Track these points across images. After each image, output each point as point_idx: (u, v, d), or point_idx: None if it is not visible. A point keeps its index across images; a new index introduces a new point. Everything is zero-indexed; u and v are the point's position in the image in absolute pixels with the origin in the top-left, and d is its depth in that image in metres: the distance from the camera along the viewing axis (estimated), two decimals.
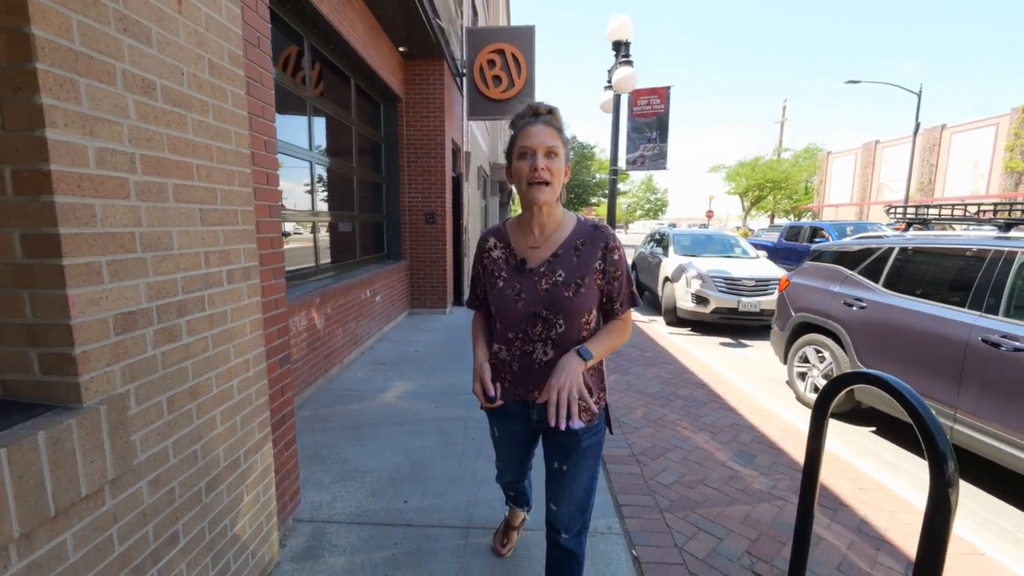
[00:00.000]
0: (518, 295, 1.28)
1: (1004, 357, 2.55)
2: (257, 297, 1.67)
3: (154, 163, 1.19)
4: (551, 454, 1.39)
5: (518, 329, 1.30)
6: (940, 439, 1.20)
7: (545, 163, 1.21)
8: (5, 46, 0.90)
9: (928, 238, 3.40)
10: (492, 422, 1.51)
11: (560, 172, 1.24)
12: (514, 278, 1.30)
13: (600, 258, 1.27)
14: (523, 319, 1.28)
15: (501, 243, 1.36)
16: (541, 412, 1.36)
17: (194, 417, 1.35)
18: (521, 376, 1.33)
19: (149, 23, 1.18)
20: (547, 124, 1.23)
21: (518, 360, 1.33)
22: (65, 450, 0.95)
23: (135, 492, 1.15)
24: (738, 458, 2.82)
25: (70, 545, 0.98)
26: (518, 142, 1.24)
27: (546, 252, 1.30)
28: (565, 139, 1.26)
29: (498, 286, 1.32)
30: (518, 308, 1.28)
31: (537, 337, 1.29)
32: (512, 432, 1.47)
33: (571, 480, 1.36)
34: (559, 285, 1.26)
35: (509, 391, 1.36)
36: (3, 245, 0.96)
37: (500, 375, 1.36)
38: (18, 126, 0.92)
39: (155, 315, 1.20)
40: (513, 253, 1.33)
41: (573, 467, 1.35)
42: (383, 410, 3.37)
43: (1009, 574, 1.92)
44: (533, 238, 1.31)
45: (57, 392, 1.01)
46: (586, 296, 1.26)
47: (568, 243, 1.29)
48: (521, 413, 1.39)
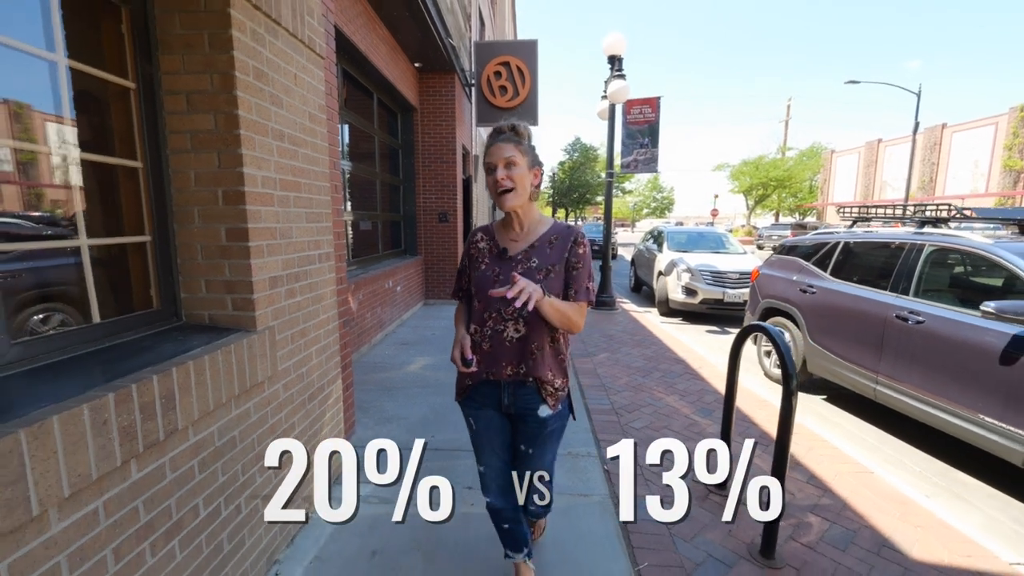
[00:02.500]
0: (496, 276, 1.44)
1: (910, 329, 3.18)
2: (333, 274, 2.36)
3: (284, 183, 1.88)
4: (519, 439, 1.55)
5: (493, 308, 1.43)
6: (790, 365, 1.86)
7: (505, 173, 1.37)
8: (224, 122, 1.58)
9: (865, 233, 4.02)
10: (468, 412, 1.59)
11: (523, 177, 1.39)
12: (495, 263, 1.47)
13: (568, 250, 1.44)
14: (498, 299, 1.35)
15: (487, 237, 1.53)
16: (511, 396, 1.48)
17: (302, 349, 2.03)
18: (492, 354, 1.45)
19: (282, 95, 1.86)
20: (506, 140, 1.38)
21: (489, 340, 1.45)
22: (246, 354, 1.63)
23: (278, 389, 1.84)
24: (699, 412, 3.47)
25: (254, 404, 1.67)
26: (485, 160, 1.42)
27: (524, 244, 1.47)
28: (526, 148, 1.41)
29: (480, 269, 1.48)
30: (495, 287, 1.37)
31: (509, 316, 1.42)
32: (488, 418, 1.55)
33: (536, 460, 1.54)
34: (532, 269, 1.42)
35: (480, 371, 1.47)
36: (215, 234, 1.64)
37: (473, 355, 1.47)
38: (228, 165, 1.61)
39: (285, 279, 1.89)
40: (496, 244, 1.50)
41: (539, 449, 1.53)
42: (409, 377, 4.06)
43: (887, 484, 2.55)
44: (514, 233, 1.49)
45: (241, 322, 1.69)
46: (555, 281, 1.41)
47: (544, 237, 1.47)
48: (492, 396, 1.50)
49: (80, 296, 1.40)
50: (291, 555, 1.92)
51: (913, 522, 2.22)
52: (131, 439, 1.14)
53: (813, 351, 4.06)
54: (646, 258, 9.34)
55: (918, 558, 1.98)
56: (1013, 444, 2.54)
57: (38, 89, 1.29)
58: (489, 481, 1.60)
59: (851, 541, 2.08)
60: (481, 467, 1.61)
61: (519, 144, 1.39)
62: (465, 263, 1.57)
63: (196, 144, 1.61)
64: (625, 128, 7.96)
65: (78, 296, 1.40)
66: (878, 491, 2.48)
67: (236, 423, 1.60)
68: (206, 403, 1.40)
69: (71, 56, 1.33)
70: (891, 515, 2.27)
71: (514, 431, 1.56)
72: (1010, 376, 2.58)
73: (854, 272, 3.90)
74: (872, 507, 2.33)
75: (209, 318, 1.70)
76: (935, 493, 2.62)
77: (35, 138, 1.35)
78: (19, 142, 1.30)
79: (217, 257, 1.66)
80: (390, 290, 5.88)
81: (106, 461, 1.07)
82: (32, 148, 1.35)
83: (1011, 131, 20.34)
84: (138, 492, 1.20)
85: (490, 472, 1.59)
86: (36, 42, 1.26)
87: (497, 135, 1.42)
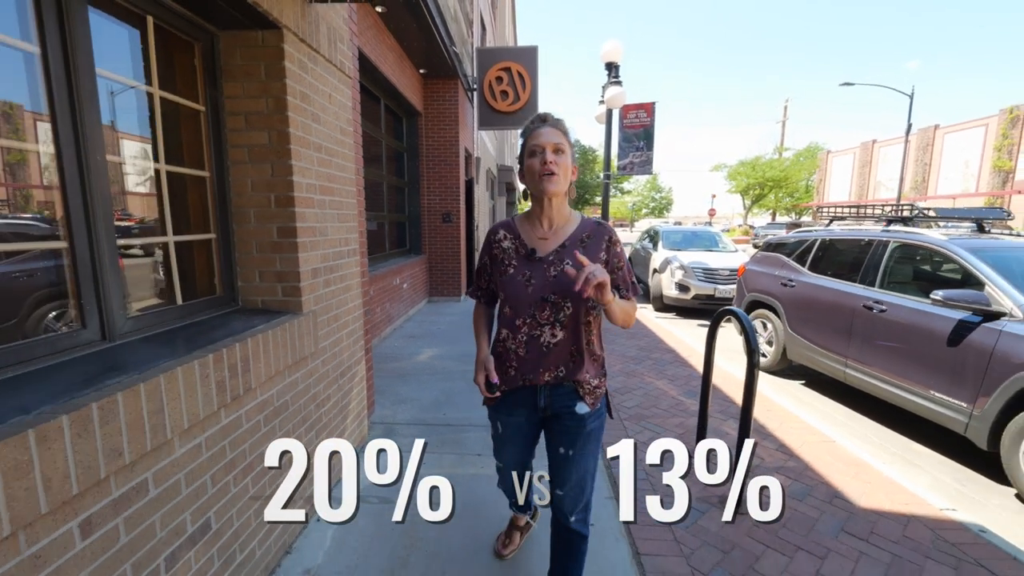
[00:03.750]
0: (528, 281, 1.35)
1: (875, 317, 3.51)
2: (358, 268, 2.68)
3: (322, 188, 2.20)
4: (557, 440, 1.44)
5: (526, 314, 1.36)
6: (753, 341, 2.18)
7: (553, 157, 1.31)
8: (277, 138, 1.90)
9: (840, 231, 4.35)
10: (495, 417, 1.52)
11: (567, 168, 1.35)
12: (524, 266, 1.37)
13: (604, 250, 1.37)
14: (532, 303, 1.34)
15: (511, 235, 1.43)
16: (548, 397, 1.41)
17: (335, 332, 2.36)
18: (528, 360, 1.38)
19: (320, 112, 2.18)
20: (554, 127, 1.35)
21: (525, 346, 1.38)
22: (296, 332, 1.95)
23: (318, 364, 2.16)
24: (685, 394, 3.80)
25: (300, 375, 2.00)
26: (529, 142, 1.35)
27: (554, 243, 1.38)
28: (571, 141, 1.38)
29: (508, 273, 1.39)
30: (528, 293, 1.35)
31: (545, 321, 1.35)
32: (516, 424, 1.48)
33: (576, 464, 1.42)
34: (567, 272, 1.29)
35: (516, 378, 1.41)
36: (268, 232, 1.96)
37: (506, 363, 1.42)
38: (280, 174, 1.93)
39: (323, 271, 2.21)
40: (523, 243, 1.40)
41: (579, 452, 1.41)
42: (419, 365, 4.38)
43: (847, 452, 2.88)
44: (542, 231, 1.40)
45: (290, 306, 2.01)
46: None
47: (575, 236, 1.38)
48: (527, 401, 1.43)
49: (168, 282, 1.72)
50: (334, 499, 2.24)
51: (864, 480, 2.55)
52: (222, 391, 1.46)
53: (792, 340, 4.39)
54: (642, 256, 9.66)
55: (863, 506, 2.31)
56: (956, 415, 2.88)
57: (141, 115, 1.62)
58: (507, 476, 1.59)
59: (808, 494, 2.41)
60: (500, 463, 1.61)
61: (566, 134, 1.37)
62: (485, 261, 1.50)
63: (253, 156, 1.93)
64: (622, 132, 8.29)
65: (166, 282, 1.72)
66: (838, 457, 2.81)
67: (288, 389, 1.92)
68: (269, 369, 1.72)
69: (161, 87, 1.65)
70: (846, 475, 2.60)
71: (551, 435, 1.47)
72: (955, 356, 2.91)
73: (829, 267, 4.24)
74: (831, 469, 2.66)
75: (262, 303, 2.02)
76: (890, 460, 2.95)
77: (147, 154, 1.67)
78: (130, 159, 1.62)
79: (269, 251, 1.98)
80: (397, 287, 6.19)
81: (207, 405, 1.39)
82: (143, 164, 1.67)
83: (1001, 132, 20.71)
84: (225, 435, 1.52)
85: (507, 470, 1.58)
86: (139, 78, 1.58)
87: (543, 122, 1.37)
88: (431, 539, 2.02)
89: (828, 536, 2.11)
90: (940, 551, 2.02)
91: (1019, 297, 2.77)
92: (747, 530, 2.14)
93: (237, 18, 1.77)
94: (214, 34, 1.84)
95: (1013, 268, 2.99)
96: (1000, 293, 2.84)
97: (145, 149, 1.69)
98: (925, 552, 2.01)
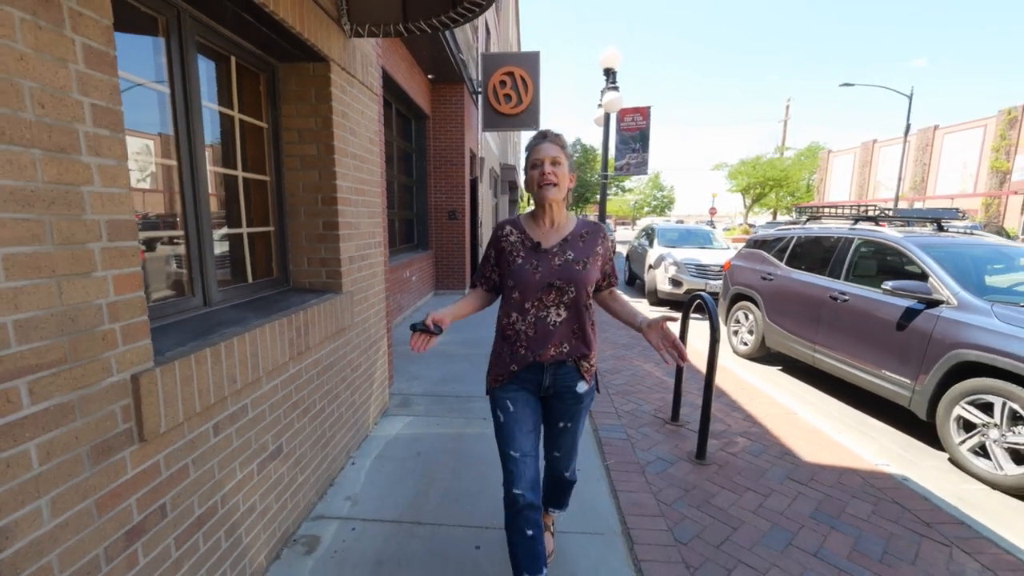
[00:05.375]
0: (535, 269, 1.53)
1: (839, 306, 3.93)
2: (382, 257, 3.12)
3: (356, 190, 2.64)
4: (557, 416, 1.65)
5: (534, 297, 1.53)
6: (715, 318, 2.61)
7: (551, 169, 1.50)
8: (324, 149, 2.34)
9: (816, 229, 4.76)
10: (503, 398, 1.60)
11: (564, 177, 1.53)
12: (531, 256, 1.55)
13: (600, 244, 1.60)
14: (539, 288, 1.51)
15: (517, 230, 1.60)
16: (552, 376, 1.58)
17: (365, 310, 2.80)
18: (536, 339, 1.55)
19: (355, 126, 2.62)
20: (553, 142, 1.54)
21: (533, 326, 1.54)
22: (337, 309, 2.39)
23: (352, 335, 2.61)
24: (668, 375, 4.23)
25: (340, 343, 2.44)
26: (531, 156, 1.54)
27: (556, 238, 1.57)
28: (568, 153, 1.56)
29: (517, 263, 1.56)
30: (535, 279, 1.52)
31: (551, 303, 1.53)
32: (524, 400, 1.60)
33: (572, 433, 1.68)
34: (570, 262, 1.53)
35: (526, 356, 1.55)
36: (315, 226, 2.41)
37: (516, 344, 1.57)
38: (325, 179, 2.37)
39: (357, 259, 2.65)
40: (529, 238, 1.58)
41: (576, 424, 1.67)
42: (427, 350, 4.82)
43: (805, 422, 3.31)
44: (544, 229, 1.59)
45: (331, 287, 2.46)
46: (591, 271, 1.55)
47: (574, 233, 1.59)
48: (533, 379, 1.59)
49: (242, 264, 2.16)
50: (363, 452, 2.69)
51: (816, 443, 2.98)
52: (292, 346, 1.90)
53: (770, 328, 4.81)
54: (639, 253, 10.08)
55: (809, 461, 2.74)
56: (902, 390, 3.30)
57: (226, 133, 2.06)
58: (523, 469, 1.52)
59: (763, 452, 2.84)
60: (515, 453, 1.53)
61: (563, 148, 1.55)
62: (491, 253, 1.65)
63: (304, 165, 2.37)
64: (619, 134, 8.71)
65: (241, 264, 2.16)
66: (796, 425, 3.24)
67: (332, 353, 2.37)
68: (321, 334, 2.17)
69: (240, 111, 2.09)
70: (800, 439, 3.03)
71: (549, 412, 1.65)
72: (902, 339, 3.33)
73: (803, 262, 4.65)
74: (787, 434, 3.09)
75: (309, 284, 2.47)
76: (844, 430, 3.38)
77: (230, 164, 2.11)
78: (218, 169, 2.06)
79: (316, 242, 2.43)
80: (407, 279, 6.64)
81: (283, 355, 1.84)
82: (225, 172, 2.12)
83: (999, 133, 20.98)
84: (292, 380, 1.97)
85: (524, 459, 1.53)
86: (225, 104, 2.03)
87: (543, 137, 1.55)
88: (446, 479, 2.47)
89: (775, 481, 2.54)
90: (865, 492, 2.45)
91: (955, 287, 3.18)
92: (708, 476, 2.58)
93: (295, 53, 2.21)
94: (275, 66, 2.28)
95: (955, 262, 3.41)
96: (940, 283, 3.25)
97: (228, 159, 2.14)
98: (852, 493, 2.45)
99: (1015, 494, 2.66)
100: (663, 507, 2.28)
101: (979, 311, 2.98)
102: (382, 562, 1.88)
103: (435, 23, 2.31)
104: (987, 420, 2.80)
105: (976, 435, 2.86)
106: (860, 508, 2.32)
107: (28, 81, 0.91)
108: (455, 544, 2.00)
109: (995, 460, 2.76)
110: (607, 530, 2.11)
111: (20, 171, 0.90)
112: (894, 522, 2.22)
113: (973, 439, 2.88)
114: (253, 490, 1.71)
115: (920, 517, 2.26)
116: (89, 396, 1.05)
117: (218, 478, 1.51)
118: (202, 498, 1.44)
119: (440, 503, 2.28)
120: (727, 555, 1.99)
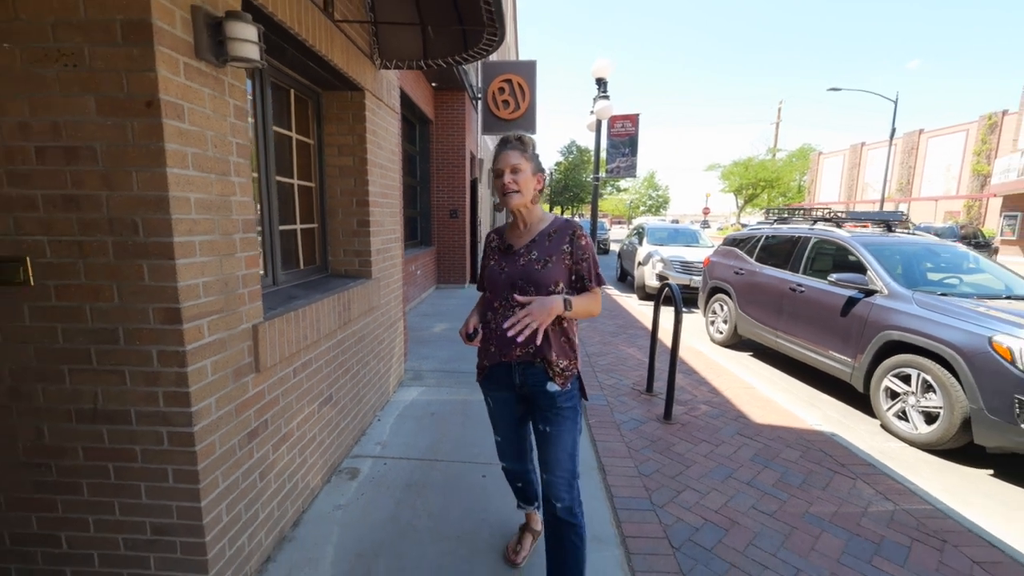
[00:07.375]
0: (503, 269, 1.59)
1: (796, 296, 4.49)
2: (400, 251, 3.65)
3: (382, 194, 3.17)
4: (535, 418, 1.62)
5: (501, 297, 1.58)
6: (678, 299, 3.15)
7: (511, 177, 1.51)
8: (359, 162, 2.87)
9: (784, 229, 5.33)
10: (486, 392, 1.74)
11: (528, 181, 1.53)
12: (502, 258, 1.61)
13: (568, 243, 1.54)
14: (504, 287, 1.56)
15: (498, 236, 1.69)
16: (521, 375, 1.58)
17: (387, 295, 3.33)
18: (503, 337, 1.55)
19: (381, 141, 3.15)
20: (513, 148, 1.52)
21: (500, 325, 1.56)
22: (369, 292, 2.91)
23: (378, 315, 3.14)
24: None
25: (371, 320, 2.97)
26: (494, 164, 1.55)
27: (526, 239, 1.60)
28: (531, 155, 1.54)
29: (489, 265, 1.65)
30: (501, 279, 1.57)
31: (515, 303, 1.51)
32: (503, 399, 1.68)
33: (555, 441, 1.56)
34: (532, 261, 1.53)
35: (495, 354, 1.61)
36: (350, 223, 2.94)
37: (488, 342, 1.64)
38: (359, 185, 2.90)
39: (382, 251, 3.18)
40: (504, 241, 1.64)
41: (555, 428, 1.56)
42: (434, 336, 5.36)
43: (761, 394, 3.87)
44: (519, 231, 1.63)
45: (363, 274, 2.99)
46: (552, 270, 1.51)
47: (543, 233, 1.58)
48: (505, 377, 1.62)
49: (295, 254, 2.69)
50: (386, 412, 3.23)
51: (767, 410, 3.54)
52: (339, 317, 2.43)
53: (741, 318, 5.38)
54: (629, 251, 10.64)
55: (758, 422, 3.30)
56: (844, 367, 3.87)
57: (282, 149, 2.58)
58: (505, 448, 1.81)
59: (720, 415, 3.40)
60: (498, 437, 1.81)
61: (524, 152, 1.52)
62: (483, 261, 1.75)
63: (341, 173, 2.90)
64: (609, 139, 9.25)
65: (295, 254, 2.69)
66: (754, 397, 3.80)
67: (363, 328, 2.90)
68: (357, 311, 2.70)
69: (296, 132, 2.62)
70: (755, 407, 3.59)
71: (531, 416, 1.67)
72: (845, 324, 3.90)
73: (770, 258, 5.22)
74: (745, 403, 3.65)
75: (344, 271, 3.00)
76: (795, 401, 3.94)
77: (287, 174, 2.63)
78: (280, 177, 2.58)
79: (351, 236, 2.96)
80: (412, 273, 7.17)
81: (333, 324, 2.37)
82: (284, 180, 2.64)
83: (980, 138, 21.70)
84: (339, 345, 2.50)
85: (505, 442, 1.80)
86: (284, 126, 2.55)
87: (505, 144, 1.54)
88: (457, 432, 3.01)
89: (726, 436, 3.10)
90: (798, 444, 3.01)
91: (887, 278, 3.75)
92: (672, 432, 3.13)
93: (336, 84, 2.74)
94: (320, 93, 2.81)
95: (892, 258, 3.98)
96: (876, 276, 3.82)
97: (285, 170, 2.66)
98: (787, 444, 3.00)
99: (927, 449, 3.22)
100: (632, 452, 2.83)
101: (904, 299, 3.55)
102: (410, 485, 2.42)
103: (450, 60, 2.84)
104: (907, 389, 3.37)
105: (899, 402, 3.43)
106: (791, 454, 2.88)
107: (210, 131, 1.44)
108: (466, 474, 2.54)
109: (912, 422, 3.32)
110: (586, 467, 2.65)
111: (207, 188, 1.43)
112: (816, 464, 2.78)
113: (897, 405, 3.45)
114: (314, 424, 2.24)
115: (838, 460, 2.82)
116: (233, 335, 1.59)
117: (295, 409, 2.04)
118: (287, 421, 1.97)
119: (453, 448, 2.81)
120: (679, 483, 2.54)
